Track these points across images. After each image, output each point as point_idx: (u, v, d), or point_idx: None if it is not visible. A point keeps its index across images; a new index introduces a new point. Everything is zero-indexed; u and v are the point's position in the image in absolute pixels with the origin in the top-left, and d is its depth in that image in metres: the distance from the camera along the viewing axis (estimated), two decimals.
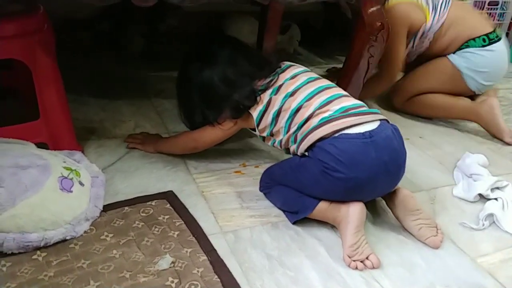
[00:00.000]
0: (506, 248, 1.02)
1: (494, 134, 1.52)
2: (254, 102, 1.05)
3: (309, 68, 1.13)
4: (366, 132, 0.94)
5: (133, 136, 1.26)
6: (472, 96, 1.58)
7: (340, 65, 1.56)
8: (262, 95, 1.05)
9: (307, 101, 1.01)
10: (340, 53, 2.12)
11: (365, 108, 1.00)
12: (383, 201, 1.06)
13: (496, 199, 1.15)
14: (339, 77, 1.29)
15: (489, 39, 1.49)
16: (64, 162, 0.98)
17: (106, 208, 0.98)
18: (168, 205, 1.02)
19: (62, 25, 1.77)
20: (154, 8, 1.05)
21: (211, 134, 1.13)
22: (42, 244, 0.86)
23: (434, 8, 1.49)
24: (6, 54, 1.01)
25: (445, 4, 1.50)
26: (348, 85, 1.22)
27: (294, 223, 1.01)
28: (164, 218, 0.97)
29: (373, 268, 0.90)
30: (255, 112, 1.06)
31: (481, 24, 1.52)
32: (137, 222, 0.95)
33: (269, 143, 1.10)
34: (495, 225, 1.09)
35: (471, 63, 1.49)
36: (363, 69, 1.17)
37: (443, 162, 1.35)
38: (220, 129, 1.11)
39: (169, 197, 1.05)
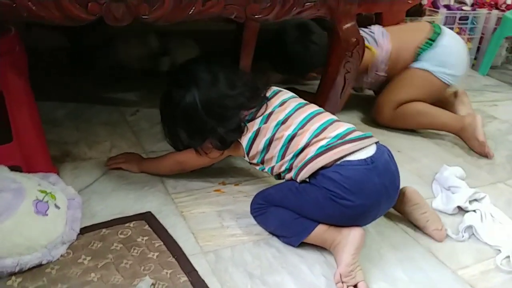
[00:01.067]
0: (486, 259, 1.03)
1: (473, 147, 1.54)
2: (240, 135, 1.04)
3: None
4: (367, 158, 0.95)
5: (114, 157, 1.24)
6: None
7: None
8: (249, 124, 1.04)
9: (300, 128, 1.00)
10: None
11: (360, 133, 1.01)
12: None
13: (474, 211, 1.17)
14: (316, 93, 1.29)
15: (435, 37, 1.59)
16: (39, 185, 0.96)
17: (83, 230, 0.96)
18: (147, 226, 1.00)
19: (36, 46, 1.76)
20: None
21: (197, 160, 1.13)
22: (17, 270, 0.83)
23: (376, 42, 1.60)
24: None
25: (383, 35, 1.62)
26: (326, 101, 1.23)
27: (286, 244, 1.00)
28: (143, 239, 0.95)
29: None
30: (245, 140, 1.05)
31: (418, 32, 1.63)
32: (115, 244, 0.93)
33: (258, 168, 1.09)
34: (474, 237, 1.10)
35: (432, 60, 1.58)
36: (340, 85, 1.18)
37: (422, 176, 1.36)
38: (206, 157, 1.10)
39: (148, 218, 1.03)
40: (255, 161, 1.06)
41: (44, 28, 1.63)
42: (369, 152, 0.96)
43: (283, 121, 1.03)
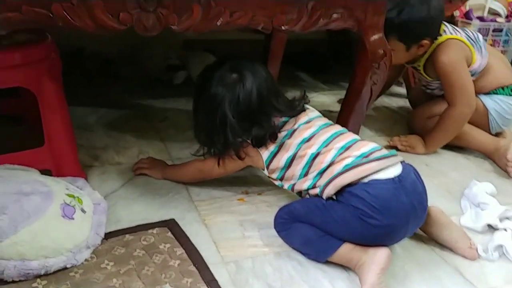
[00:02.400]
0: None
1: (501, 165, 1.50)
2: (274, 139, 1.04)
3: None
4: (395, 177, 0.93)
5: (140, 161, 1.26)
6: None
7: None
8: (272, 140, 1.04)
9: (324, 147, 1.00)
10: (344, 79, 2.12)
11: (385, 151, 1.00)
12: None
13: (505, 229, 1.13)
14: (342, 104, 1.29)
15: None
16: (67, 189, 0.98)
17: (108, 235, 0.98)
18: (170, 233, 1.01)
19: (70, 53, 1.82)
20: None
21: (218, 171, 1.13)
22: (42, 272, 0.85)
23: (479, 51, 1.52)
24: (13, 82, 1.03)
25: (485, 48, 1.54)
26: (352, 112, 1.22)
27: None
28: (165, 246, 0.96)
29: None
30: (266, 153, 1.05)
31: (509, 74, 1.58)
32: (138, 250, 0.94)
33: (276, 184, 1.08)
34: (504, 257, 1.06)
35: (499, 108, 1.55)
36: (366, 97, 1.17)
37: (450, 191, 1.33)
38: (228, 164, 1.11)
39: (171, 225, 1.04)
40: (274, 176, 1.06)
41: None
42: (395, 171, 0.95)
43: (308, 139, 1.02)
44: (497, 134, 1.63)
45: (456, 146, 1.59)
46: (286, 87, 1.36)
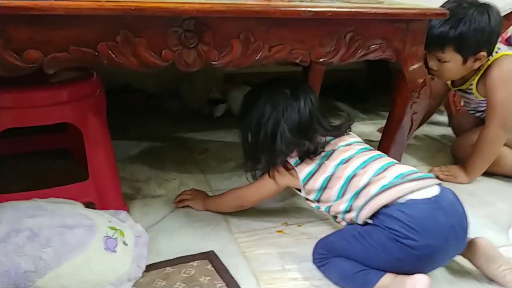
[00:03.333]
0: None
1: None
2: (319, 153, 1.05)
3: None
4: (432, 197, 0.92)
5: (183, 193, 1.28)
6: None
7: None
8: (313, 156, 1.05)
9: (361, 168, 1.00)
10: (384, 109, 2.11)
11: (422, 173, 0.99)
12: None
13: None
14: (383, 134, 1.27)
15: None
16: (110, 221, 1.00)
17: (149, 268, 0.98)
18: (210, 265, 1.01)
19: (116, 89, 1.89)
20: None
21: (256, 193, 1.14)
22: None
23: None
24: (60, 118, 1.07)
25: None
26: (392, 142, 1.21)
27: None
28: (205, 279, 0.96)
29: None
30: (304, 172, 1.05)
31: None
32: (178, 283, 0.95)
33: (313, 206, 1.08)
34: None
35: None
36: (407, 126, 1.15)
37: (497, 221, 1.27)
38: (265, 186, 1.12)
39: (211, 257, 1.04)
40: (311, 197, 1.06)
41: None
42: (433, 191, 0.93)
43: (345, 161, 1.02)
44: None
45: (501, 175, 1.53)
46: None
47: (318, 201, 1.05)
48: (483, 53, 1.37)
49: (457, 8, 1.35)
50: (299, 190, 1.09)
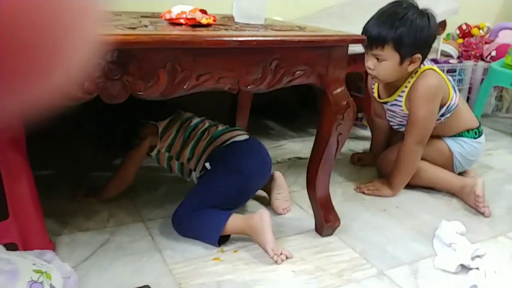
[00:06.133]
0: None
1: (469, 203, 1.53)
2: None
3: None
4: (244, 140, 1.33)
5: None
6: None
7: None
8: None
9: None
10: (312, 126, 2.17)
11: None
12: None
13: (477, 268, 1.15)
14: (311, 154, 1.30)
15: (479, 132, 1.63)
16: (34, 264, 0.94)
17: None
18: None
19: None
20: None
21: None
22: None
23: (454, 89, 1.55)
24: None
25: (456, 87, 1.58)
26: (320, 161, 1.24)
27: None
28: None
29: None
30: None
31: (473, 118, 1.64)
32: None
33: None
34: None
35: (464, 151, 1.61)
36: (333, 147, 1.19)
37: (422, 232, 1.35)
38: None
39: None
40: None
41: None
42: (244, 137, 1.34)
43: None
44: (461, 173, 1.68)
45: (423, 187, 1.63)
46: (256, 136, 1.38)
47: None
48: (418, 56, 1.43)
49: (398, 8, 1.42)
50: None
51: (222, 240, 1.20)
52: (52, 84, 0.28)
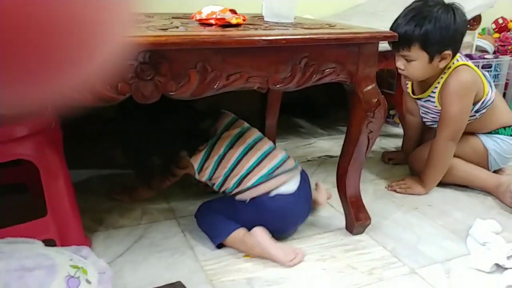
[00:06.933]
0: None
1: (505, 201, 1.49)
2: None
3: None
4: (294, 192, 1.18)
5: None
6: None
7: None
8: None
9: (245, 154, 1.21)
10: (342, 124, 2.16)
11: (287, 166, 1.21)
12: None
13: None
14: (342, 152, 1.30)
15: None
16: (71, 259, 0.97)
17: None
18: None
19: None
20: None
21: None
22: None
23: (490, 84, 1.52)
24: (15, 155, 1.04)
25: (493, 83, 1.54)
26: (351, 159, 1.23)
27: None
28: None
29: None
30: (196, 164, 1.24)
31: (510, 114, 1.60)
32: None
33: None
34: None
35: (500, 148, 1.57)
36: (364, 145, 1.18)
37: (455, 231, 1.32)
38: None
39: (178, 287, 1.03)
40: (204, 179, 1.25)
41: None
42: (295, 184, 1.20)
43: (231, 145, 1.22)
44: (497, 171, 1.63)
45: (457, 185, 1.59)
46: (285, 134, 1.39)
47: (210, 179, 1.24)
48: (448, 52, 1.40)
49: (423, 6, 1.39)
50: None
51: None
52: (78, 78, 0.30)
